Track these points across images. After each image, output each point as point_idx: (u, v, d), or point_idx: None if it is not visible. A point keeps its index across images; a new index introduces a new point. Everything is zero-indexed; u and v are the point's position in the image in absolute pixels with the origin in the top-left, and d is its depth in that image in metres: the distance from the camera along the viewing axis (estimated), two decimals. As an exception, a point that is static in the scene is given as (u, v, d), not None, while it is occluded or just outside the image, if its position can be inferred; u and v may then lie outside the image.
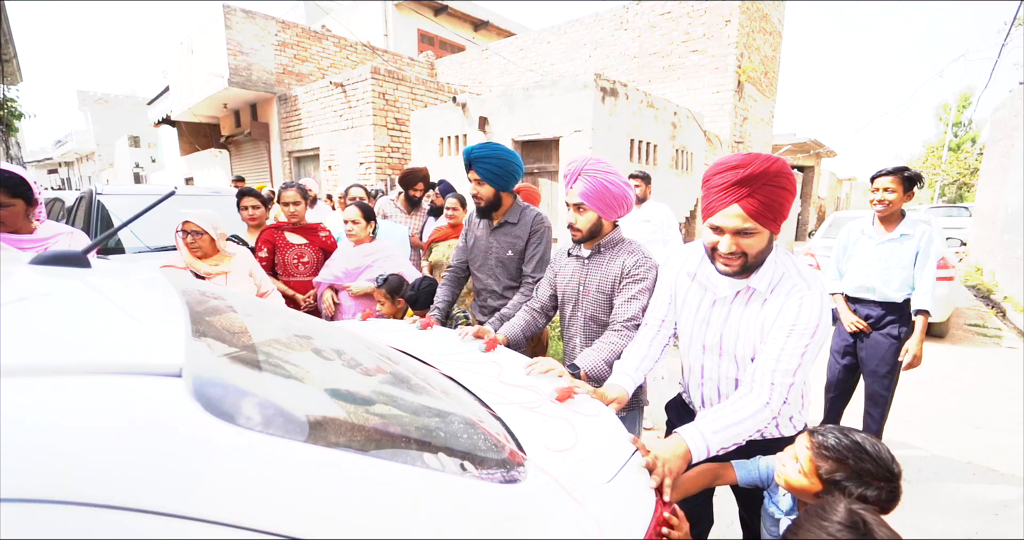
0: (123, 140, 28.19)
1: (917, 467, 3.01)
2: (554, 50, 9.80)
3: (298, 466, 0.61)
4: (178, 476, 0.51)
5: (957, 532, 2.37)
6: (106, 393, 0.54)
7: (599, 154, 5.28)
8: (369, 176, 7.89)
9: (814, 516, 0.98)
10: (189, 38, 10.65)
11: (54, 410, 0.49)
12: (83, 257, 0.98)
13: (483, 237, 2.38)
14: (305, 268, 3.06)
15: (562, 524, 0.89)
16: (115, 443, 0.50)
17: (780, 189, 1.22)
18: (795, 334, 1.25)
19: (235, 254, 2.52)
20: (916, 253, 2.57)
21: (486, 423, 1.12)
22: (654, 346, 1.60)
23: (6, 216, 1.86)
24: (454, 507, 0.74)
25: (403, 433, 0.91)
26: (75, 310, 0.78)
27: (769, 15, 8.49)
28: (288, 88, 9.87)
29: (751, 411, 1.24)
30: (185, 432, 0.55)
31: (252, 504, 0.54)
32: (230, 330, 0.97)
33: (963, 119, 27.79)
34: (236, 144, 12.04)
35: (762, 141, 9.24)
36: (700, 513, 1.70)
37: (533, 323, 2.02)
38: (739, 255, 1.28)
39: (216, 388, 0.65)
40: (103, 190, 4.18)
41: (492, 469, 0.91)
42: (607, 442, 1.21)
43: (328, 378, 1.03)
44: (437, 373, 1.44)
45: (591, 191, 1.72)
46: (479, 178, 2.19)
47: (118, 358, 0.60)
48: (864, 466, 1.07)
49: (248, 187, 3.43)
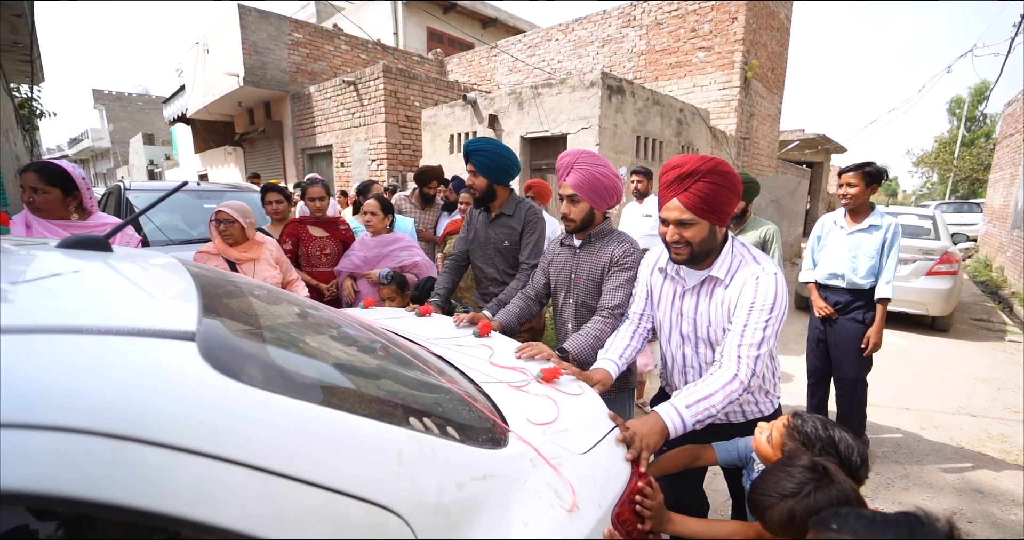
0: (138, 138, 28.56)
1: (909, 451, 3.15)
2: (562, 47, 9.90)
3: (290, 418, 0.73)
4: (189, 420, 0.62)
5: (942, 511, 2.51)
6: (133, 351, 0.66)
7: (606, 151, 5.42)
8: (381, 173, 8.06)
9: (780, 463, 1.13)
10: (205, 38, 10.86)
11: (91, 363, 0.61)
12: (105, 242, 1.12)
13: (482, 229, 2.53)
14: (327, 259, 3.23)
15: (538, 485, 1.04)
16: (140, 391, 0.61)
17: (714, 185, 1.37)
18: (755, 310, 1.40)
19: (263, 243, 2.70)
20: (883, 243, 2.77)
21: (472, 397, 1.25)
22: (636, 337, 1.74)
23: (42, 202, 2.02)
24: (434, 463, 0.87)
25: (391, 399, 1.03)
26: (102, 285, 0.90)
27: (776, 12, 8.55)
28: (301, 86, 10.06)
29: (721, 383, 1.38)
30: (196, 385, 0.66)
31: (250, 444, 0.66)
32: (236, 306, 1.09)
33: (977, 114, 27.49)
34: (250, 141, 12.26)
35: (769, 137, 9.30)
36: (693, 498, 1.85)
37: (528, 310, 2.15)
38: (684, 244, 1.45)
39: (223, 351, 0.76)
40: (130, 185, 4.41)
41: (474, 435, 1.05)
42: (587, 418, 1.35)
43: (324, 350, 1.15)
44: (429, 353, 1.56)
45: (583, 183, 1.84)
46: (474, 170, 2.35)
47: (142, 323, 0.71)
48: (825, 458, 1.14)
49: (272, 183, 3.61)
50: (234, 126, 12.93)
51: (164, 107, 16.10)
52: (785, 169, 10.80)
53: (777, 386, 1.64)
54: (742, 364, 1.39)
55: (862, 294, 2.85)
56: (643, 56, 8.68)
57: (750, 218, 3.35)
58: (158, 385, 0.64)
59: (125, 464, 0.56)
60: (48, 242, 1.16)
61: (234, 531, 0.61)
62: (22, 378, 0.55)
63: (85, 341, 0.63)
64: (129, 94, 39.56)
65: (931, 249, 5.87)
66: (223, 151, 13.68)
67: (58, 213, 2.07)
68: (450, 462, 0.92)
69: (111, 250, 1.13)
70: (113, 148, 38.21)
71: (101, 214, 2.23)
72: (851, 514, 0.80)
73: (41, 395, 0.55)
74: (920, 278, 5.87)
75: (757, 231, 3.28)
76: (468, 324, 1.99)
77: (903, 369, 4.73)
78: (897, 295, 6.00)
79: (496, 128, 6.25)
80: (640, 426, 1.34)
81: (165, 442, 0.59)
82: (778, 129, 9.75)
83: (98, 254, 1.07)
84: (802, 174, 11.81)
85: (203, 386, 0.67)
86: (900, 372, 4.64)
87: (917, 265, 5.91)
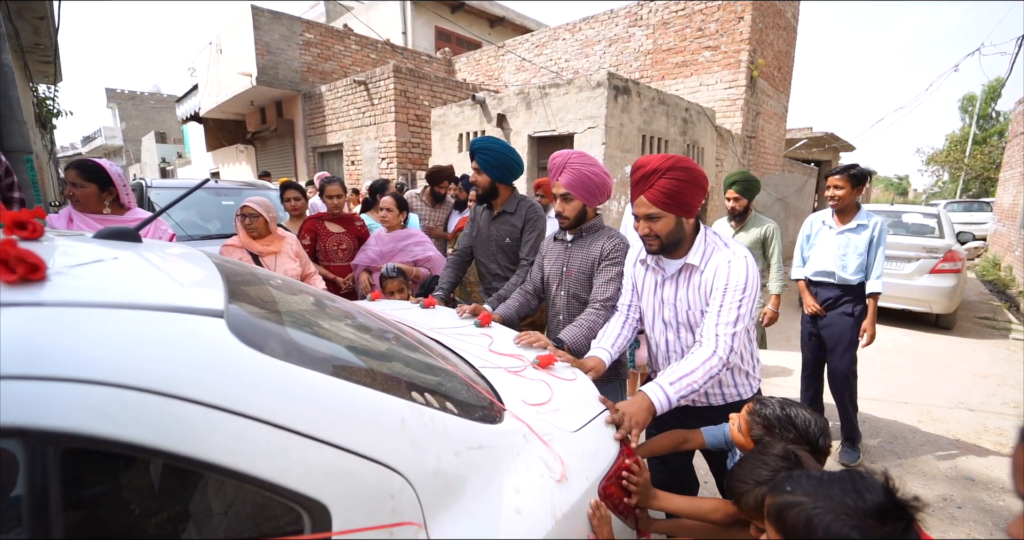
0: (150, 136, 28.92)
1: (905, 441, 3.21)
2: (569, 46, 9.96)
3: (306, 385, 0.83)
4: (219, 383, 0.72)
5: (933, 497, 2.58)
6: (173, 324, 0.76)
7: (612, 150, 5.49)
8: (391, 171, 8.18)
9: (755, 452, 1.22)
10: (218, 38, 11.03)
11: (139, 333, 0.71)
12: (136, 234, 1.24)
13: (484, 226, 2.62)
14: (343, 254, 3.36)
15: (529, 457, 1.14)
16: (179, 357, 0.72)
17: (675, 180, 1.48)
18: (729, 291, 1.51)
19: (284, 237, 2.84)
20: (870, 241, 2.89)
21: (471, 379, 1.35)
22: (626, 327, 1.84)
23: (80, 196, 2.18)
24: (434, 432, 0.97)
25: (396, 375, 1.13)
26: (140, 269, 1.02)
27: (783, 11, 8.56)
28: (312, 86, 10.20)
29: (701, 360, 1.48)
30: (226, 354, 0.76)
31: (271, 406, 0.76)
32: (256, 292, 1.18)
33: (990, 111, 27.16)
34: (261, 140, 12.44)
35: (775, 136, 9.32)
36: (684, 478, 1.95)
37: (526, 304, 2.25)
38: (654, 237, 1.57)
39: (247, 327, 0.86)
40: (152, 183, 4.55)
41: (471, 411, 1.14)
42: (579, 401, 1.45)
43: (335, 332, 1.25)
44: (431, 339, 1.66)
45: (576, 182, 1.94)
46: (478, 167, 2.44)
47: (179, 302, 0.82)
48: (787, 436, 1.25)
49: (291, 181, 3.75)
50: (246, 124, 13.12)
51: (177, 106, 16.33)
52: (792, 168, 10.80)
53: (757, 368, 1.73)
54: (720, 341, 1.49)
55: (851, 290, 2.96)
56: (649, 55, 8.72)
57: (751, 216, 3.43)
58: (194, 353, 0.74)
59: (170, 417, 0.66)
60: (85, 234, 1.27)
61: (258, 477, 0.72)
62: (86, 343, 0.66)
63: (134, 315, 0.74)
64: (141, 93, 39.98)
65: (935, 247, 5.89)
66: (235, 149, 13.88)
67: (94, 207, 2.21)
68: (448, 432, 1.02)
69: (141, 241, 1.24)
70: (125, 146, 38.66)
71: (138, 210, 2.35)
72: (802, 476, 0.88)
73: (100, 357, 0.65)
74: (924, 276, 5.89)
75: (758, 228, 3.35)
76: (470, 315, 2.09)
77: (905, 365, 4.78)
78: (901, 293, 6.08)
79: (504, 127, 6.34)
80: (628, 406, 1.43)
81: (200, 400, 0.69)
82: (784, 128, 9.76)
83: (131, 244, 1.18)
84: (809, 173, 11.79)
85: (231, 355, 0.77)
86: (901, 368, 4.68)
87: (921, 263, 5.94)
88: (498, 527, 0.98)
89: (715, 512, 1.35)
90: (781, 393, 3.89)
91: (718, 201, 7.69)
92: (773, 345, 5.20)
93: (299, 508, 0.76)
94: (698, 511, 1.40)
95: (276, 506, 0.75)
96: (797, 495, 0.85)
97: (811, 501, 0.81)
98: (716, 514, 1.35)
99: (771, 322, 3.28)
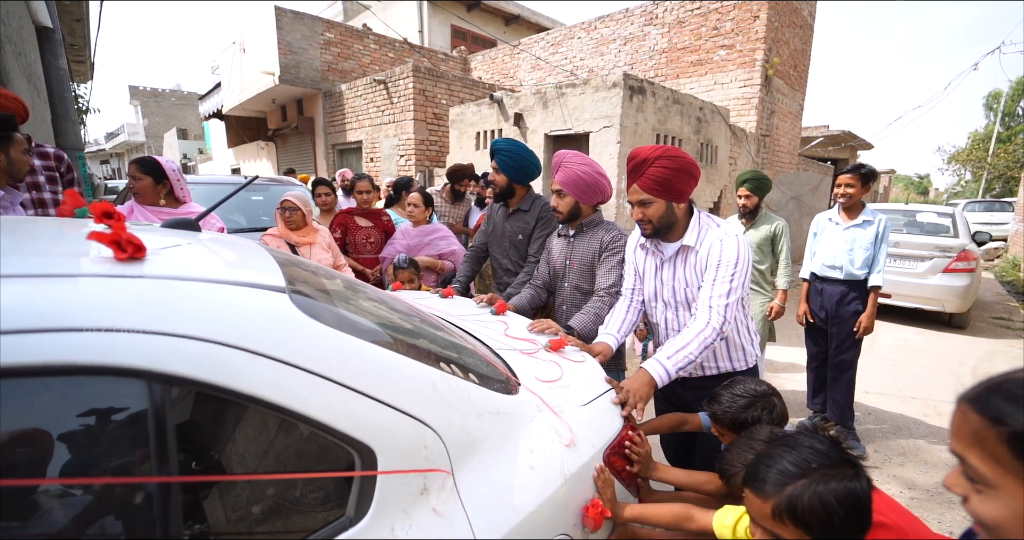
0: (172, 132, 29.54)
1: (909, 432, 3.31)
2: (584, 45, 10.05)
3: (354, 349, 0.98)
4: (286, 343, 0.87)
5: (932, 484, 2.68)
6: (249, 296, 0.91)
7: (626, 148, 5.60)
8: (409, 168, 8.36)
9: (744, 437, 1.36)
10: (241, 38, 11.30)
11: (223, 301, 0.86)
12: (196, 224, 1.40)
13: (500, 223, 2.76)
14: (371, 247, 3.57)
15: (542, 425, 1.29)
16: (254, 322, 0.87)
17: (664, 168, 1.61)
18: (721, 266, 1.64)
19: (319, 230, 3.06)
20: (875, 236, 3.02)
21: (489, 357, 1.50)
22: (631, 311, 1.97)
23: (139, 187, 2.39)
24: (459, 396, 1.12)
25: (426, 348, 1.27)
26: (210, 253, 1.18)
27: (799, 9, 8.56)
28: (332, 84, 10.41)
29: (696, 332, 1.61)
30: (290, 320, 0.91)
31: (327, 364, 0.90)
32: (302, 274, 1.34)
33: (1017, 109, 26.58)
34: (282, 137, 12.71)
35: (790, 134, 9.32)
36: (688, 454, 2.08)
37: (536, 297, 2.40)
38: (647, 221, 1.70)
39: (304, 301, 1.00)
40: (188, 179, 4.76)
41: (490, 382, 1.29)
42: (587, 380, 1.59)
43: (372, 311, 1.38)
44: (452, 324, 1.81)
45: (567, 179, 2.11)
46: (497, 167, 2.58)
47: (250, 279, 0.97)
48: (754, 414, 1.44)
49: (322, 178, 3.96)
50: (267, 122, 13.41)
51: (200, 103, 16.70)
52: (807, 166, 10.77)
53: (754, 344, 1.85)
54: (713, 312, 1.62)
55: (857, 285, 3.08)
56: (664, 54, 8.78)
57: (762, 213, 3.53)
58: (267, 319, 0.89)
59: (253, 368, 0.82)
60: (154, 224, 1.44)
61: (320, 421, 0.87)
62: (184, 307, 0.81)
63: (217, 287, 0.89)
64: (163, 90, 40.74)
65: (949, 246, 5.90)
66: (255, 146, 14.18)
67: (151, 198, 2.41)
68: (471, 398, 1.17)
69: (200, 230, 1.41)
70: (147, 142, 39.47)
71: (192, 203, 2.54)
72: (780, 464, 0.97)
73: (196, 319, 0.81)
74: (937, 275, 5.91)
75: (768, 225, 3.46)
76: (486, 304, 2.26)
77: (915, 362, 4.83)
78: (913, 292, 6.12)
79: (521, 126, 6.47)
80: (631, 383, 1.57)
81: (274, 356, 0.85)
82: (800, 126, 9.75)
83: (193, 233, 1.34)
84: (824, 171, 11.74)
85: (296, 323, 0.92)
86: (911, 365, 4.74)
87: (934, 262, 5.96)
88: (514, 480, 1.13)
89: (709, 483, 1.49)
90: (791, 386, 4.00)
91: (731, 199, 7.75)
92: (783, 341, 5.28)
93: (351, 450, 0.91)
94: (694, 482, 1.53)
95: (335, 448, 0.91)
96: (795, 484, 0.93)
97: (807, 481, 0.91)
98: (710, 486, 1.48)
99: (778, 316, 3.38)
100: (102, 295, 0.77)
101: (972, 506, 0.64)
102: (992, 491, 0.61)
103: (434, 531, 0.96)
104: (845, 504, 0.88)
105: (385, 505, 0.92)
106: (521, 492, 1.12)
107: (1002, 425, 0.59)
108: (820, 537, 0.88)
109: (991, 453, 0.60)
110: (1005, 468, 0.59)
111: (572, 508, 1.23)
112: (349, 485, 0.93)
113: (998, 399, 0.61)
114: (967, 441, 0.64)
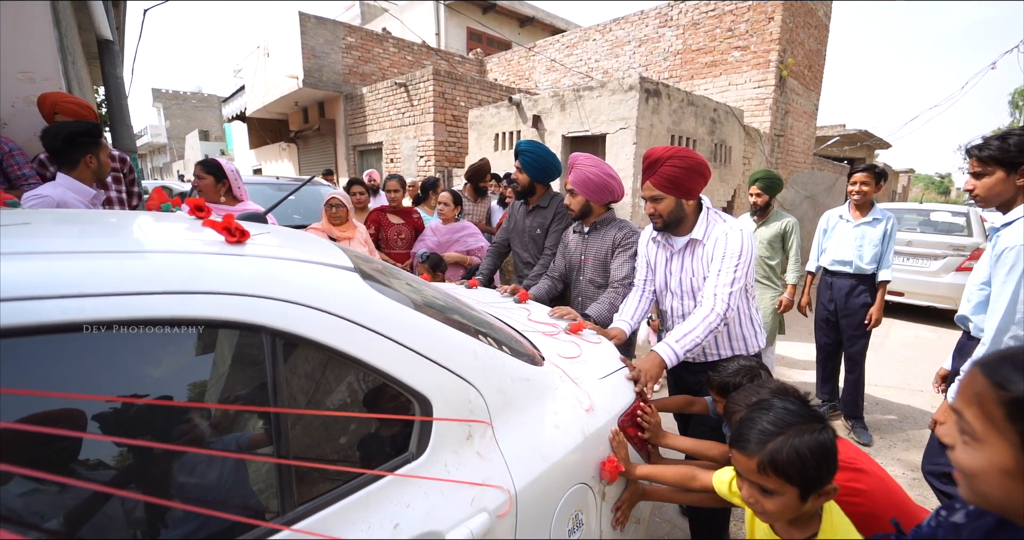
0: (194, 134, 30.23)
1: (914, 421, 3.45)
2: (599, 47, 10.20)
3: (413, 319, 1.17)
4: (362, 310, 1.06)
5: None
6: (331, 273, 1.11)
7: (642, 149, 5.76)
8: (428, 168, 8.60)
9: (754, 385, 1.52)
10: (265, 42, 11.65)
11: (313, 275, 1.07)
12: (264, 217, 1.61)
13: (520, 219, 2.96)
14: (402, 243, 3.81)
15: (564, 393, 1.48)
16: (339, 292, 1.07)
17: (674, 167, 1.77)
18: (726, 258, 1.80)
19: (357, 226, 3.32)
20: (884, 233, 3.17)
21: (516, 336, 1.70)
22: (643, 301, 2.15)
23: (202, 186, 2.64)
24: (496, 363, 1.32)
25: (464, 323, 1.44)
26: (288, 239, 1.38)
27: (815, 10, 8.62)
28: (353, 87, 10.71)
29: (700, 318, 1.79)
30: (363, 293, 1.11)
31: (392, 327, 1.09)
32: (360, 260, 1.56)
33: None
34: (304, 138, 13.05)
35: (804, 134, 9.38)
36: (700, 431, 2.26)
37: (553, 288, 2.60)
38: (657, 215, 1.87)
39: (370, 279, 1.19)
40: None
41: (519, 355, 1.48)
42: (603, 358, 1.79)
43: (418, 291, 1.57)
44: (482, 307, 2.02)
45: (578, 180, 2.31)
46: (520, 166, 2.79)
47: (327, 260, 1.17)
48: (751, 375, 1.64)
49: (357, 177, 4.21)
50: (288, 124, 13.77)
51: (223, 105, 17.16)
52: (821, 165, 10.81)
53: (757, 336, 2.02)
54: (717, 299, 1.79)
55: (866, 279, 3.23)
56: (679, 55, 8.91)
57: (773, 211, 3.68)
58: (348, 291, 1.10)
59: (338, 328, 1.02)
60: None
61: (390, 374, 1.07)
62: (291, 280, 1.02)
63: (306, 265, 1.10)
64: (184, 93, 41.64)
65: (962, 245, 5.97)
66: (277, 147, 14.56)
67: (212, 196, 2.67)
68: (505, 366, 1.36)
69: (267, 222, 1.62)
70: (169, 143, 40.40)
71: (249, 202, 2.79)
72: (760, 423, 1.15)
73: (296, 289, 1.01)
74: (950, 274, 5.98)
75: (779, 223, 3.61)
76: (509, 293, 2.47)
77: (926, 358, 4.93)
78: (926, 290, 6.20)
79: (539, 128, 6.66)
80: (643, 363, 1.76)
81: (355, 320, 1.05)
82: (814, 126, 9.80)
83: (265, 226, 1.56)
84: (839, 171, 11.75)
85: (367, 295, 1.13)
86: (922, 360, 4.84)
87: (947, 261, 6.03)
88: (542, 434, 1.33)
89: (713, 449, 1.67)
90: (801, 378, 4.13)
91: (744, 198, 7.85)
92: (794, 337, 5.40)
93: (413, 399, 1.11)
94: (700, 449, 1.71)
95: (400, 397, 1.11)
96: (775, 441, 1.11)
97: (784, 437, 1.08)
98: (714, 451, 1.66)
99: (787, 309, 3.53)
100: (224, 269, 0.98)
101: (956, 454, 0.71)
102: (978, 445, 0.67)
103: (478, 469, 1.16)
104: (817, 453, 1.05)
105: (439, 445, 1.13)
106: (548, 444, 1.32)
107: (1004, 390, 0.64)
108: (798, 482, 1.06)
109: (987, 412, 0.66)
110: (996, 428, 0.65)
111: (591, 462, 1.42)
112: (410, 429, 1.13)
113: (1008, 367, 0.66)
114: (969, 399, 0.69)
